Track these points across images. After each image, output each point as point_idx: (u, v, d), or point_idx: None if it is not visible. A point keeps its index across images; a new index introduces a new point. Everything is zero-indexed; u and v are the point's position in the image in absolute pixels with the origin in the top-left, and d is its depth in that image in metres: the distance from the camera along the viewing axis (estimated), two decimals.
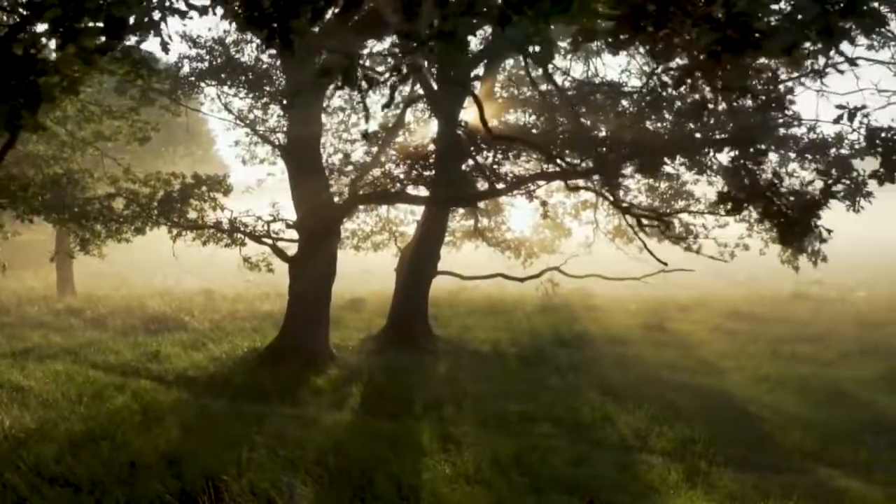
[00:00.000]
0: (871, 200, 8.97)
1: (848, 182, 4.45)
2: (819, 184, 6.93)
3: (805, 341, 14.46)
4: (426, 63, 12.98)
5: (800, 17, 2.18)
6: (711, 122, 8.03)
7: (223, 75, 12.94)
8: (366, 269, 26.94)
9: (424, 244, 14.40)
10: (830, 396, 10.01)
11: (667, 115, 8.87)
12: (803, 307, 19.32)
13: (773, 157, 9.97)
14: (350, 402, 9.83)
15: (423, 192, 13.26)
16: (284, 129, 12.81)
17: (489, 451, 7.37)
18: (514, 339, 15.02)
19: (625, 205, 11.45)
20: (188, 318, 16.60)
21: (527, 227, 20.49)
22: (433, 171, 11.00)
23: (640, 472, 7.03)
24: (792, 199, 3.91)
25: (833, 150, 7.10)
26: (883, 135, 4.82)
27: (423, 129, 16.50)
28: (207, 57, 13.19)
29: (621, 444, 8.10)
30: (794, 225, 3.90)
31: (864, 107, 4.79)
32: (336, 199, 12.56)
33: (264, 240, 12.45)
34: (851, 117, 4.48)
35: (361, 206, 18.94)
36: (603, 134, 9.84)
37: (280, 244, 12.99)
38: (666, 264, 12.54)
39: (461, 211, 19.13)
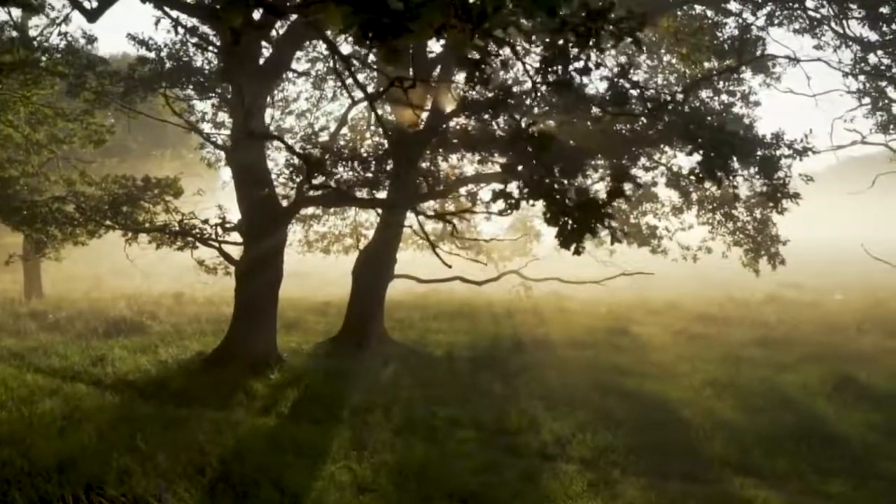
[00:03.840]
0: (798, 202, 8.82)
1: (631, 183, 4.21)
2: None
3: (766, 345, 14.24)
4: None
5: None
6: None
7: (174, 78, 12.88)
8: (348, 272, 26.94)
9: (380, 247, 14.28)
10: (770, 402, 9.81)
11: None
12: (774, 310, 19.06)
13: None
14: (280, 406, 9.70)
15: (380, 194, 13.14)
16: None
17: (396, 458, 7.25)
18: (473, 342, 14.87)
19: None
20: (150, 322, 16.54)
21: (498, 231, 20.41)
22: (373, 173, 10.89)
23: (544, 481, 6.87)
24: (574, 198, 3.72)
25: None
26: (703, 133, 4.61)
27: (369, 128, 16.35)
28: (162, 59, 13.15)
29: (540, 452, 7.93)
30: (581, 226, 3.73)
31: (674, 101, 4.59)
32: (283, 201, 12.44)
33: (211, 243, 12.35)
34: (658, 111, 4.29)
35: (333, 209, 18.94)
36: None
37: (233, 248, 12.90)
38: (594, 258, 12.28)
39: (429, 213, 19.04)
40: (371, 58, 11.44)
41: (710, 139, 4.09)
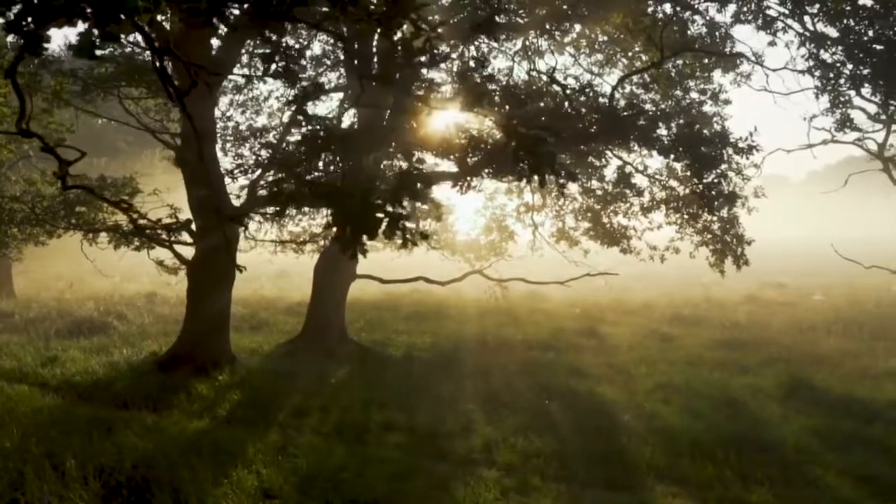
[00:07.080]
0: (736, 202, 8.58)
1: (416, 183, 3.94)
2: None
3: (731, 347, 14.01)
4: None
5: None
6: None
7: (128, 78, 12.79)
8: None
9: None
10: (716, 407, 9.60)
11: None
12: (749, 311, 18.80)
13: None
14: (219, 409, 9.58)
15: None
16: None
17: (312, 462, 7.10)
18: (436, 343, 14.72)
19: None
20: (116, 322, 16.48)
21: (473, 230, 20.25)
22: (323, 171, 10.75)
23: (456, 488, 6.70)
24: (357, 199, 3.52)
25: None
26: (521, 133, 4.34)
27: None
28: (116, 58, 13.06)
29: (466, 457, 7.76)
30: (361, 229, 3.56)
31: (513, 93, 4.36)
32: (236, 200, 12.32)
33: (163, 242, 12.22)
34: (481, 98, 4.10)
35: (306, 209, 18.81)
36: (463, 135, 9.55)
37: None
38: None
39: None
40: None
41: (526, 141, 3.88)
